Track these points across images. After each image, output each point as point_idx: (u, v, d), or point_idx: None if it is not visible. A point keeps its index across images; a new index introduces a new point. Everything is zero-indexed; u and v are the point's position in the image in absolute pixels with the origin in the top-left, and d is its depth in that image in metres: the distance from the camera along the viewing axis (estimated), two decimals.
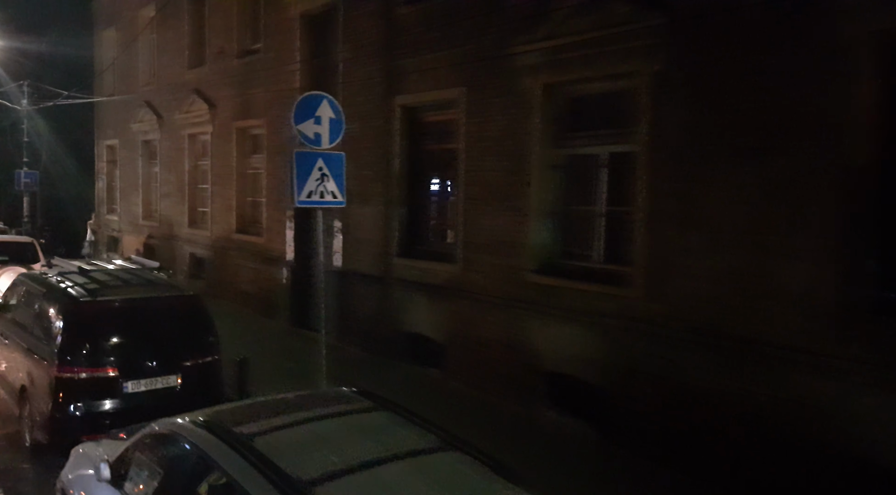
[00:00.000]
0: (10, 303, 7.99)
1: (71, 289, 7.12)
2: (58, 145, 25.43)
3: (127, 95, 20.19)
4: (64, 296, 6.96)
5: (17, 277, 8.31)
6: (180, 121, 17.06)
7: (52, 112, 23.72)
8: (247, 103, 14.26)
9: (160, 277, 7.97)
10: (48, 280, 7.54)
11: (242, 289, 14.44)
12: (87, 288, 7.14)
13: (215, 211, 15.72)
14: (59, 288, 7.23)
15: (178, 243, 17.52)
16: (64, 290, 7.12)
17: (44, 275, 7.79)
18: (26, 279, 8.01)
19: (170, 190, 18.07)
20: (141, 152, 19.89)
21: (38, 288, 7.56)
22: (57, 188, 27.88)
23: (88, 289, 7.11)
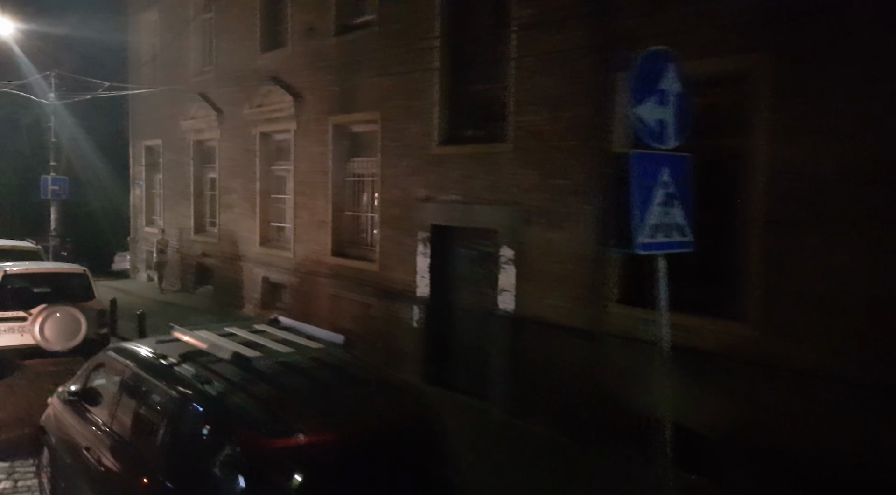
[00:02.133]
0: (95, 397, 4.90)
1: (244, 410, 3.90)
2: (86, 145, 22.43)
3: (173, 86, 17.28)
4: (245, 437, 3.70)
5: (102, 354, 5.28)
6: (249, 116, 14.10)
7: (78, 108, 20.80)
8: (349, 93, 11.29)
9: (359, 363, 4.88)
10: (176, 374, 4.38)
11: (342, 326, 11.44)
12: (271, 407, 3.94)
13: (300, 227, 12.75)
14: (225, 410, 3.98)
15: (245, 265, 14.57)
16: (236, 415, 3.88)
17: (158, 358, 4.67)
18: (124, 362, 4.94)
19: (233, 200, 15.12)
20: (192, 154, 16.93)
21: (159, 389, 4.39)
22: (84, 195, 24.95)
23: (274, 408, 3.93)
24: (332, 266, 11.81)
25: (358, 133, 11.58)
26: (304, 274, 12.56)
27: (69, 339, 9.40)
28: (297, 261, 12.78)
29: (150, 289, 17.75)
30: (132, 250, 20.72)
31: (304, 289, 12.56)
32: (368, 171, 11.36)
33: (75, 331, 9.43)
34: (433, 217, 9.32)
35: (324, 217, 12.03)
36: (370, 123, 10.92)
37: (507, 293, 8.20)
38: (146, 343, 5.24)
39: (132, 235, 20.62)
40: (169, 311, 14.45)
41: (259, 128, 13.96)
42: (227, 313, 14.56)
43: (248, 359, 4.33)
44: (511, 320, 8.14)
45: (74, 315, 9.41)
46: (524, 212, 8.00)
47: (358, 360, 5.01)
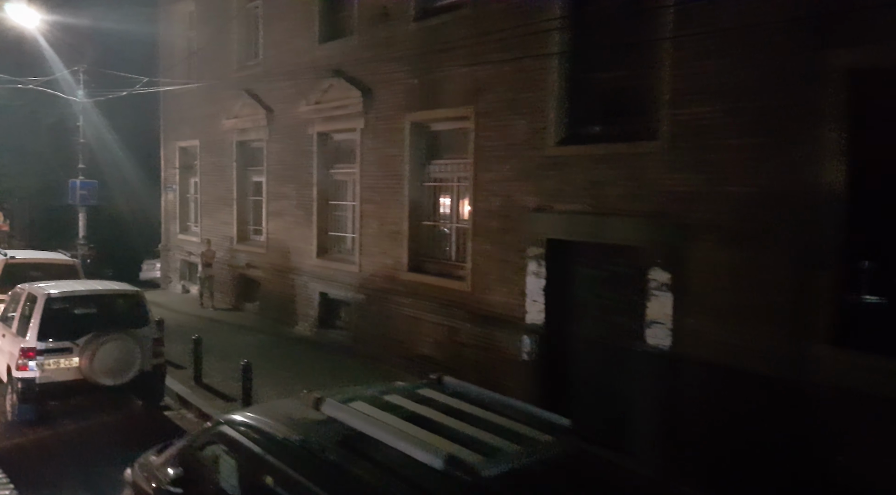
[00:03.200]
0: None
1: None
2: (113, 146, 21.11)
3: (213, 82, 15.97)
4: None
5: (211, 430, 3.60)
6: (305, 114, 12.73)
7: (104, 106, 19.48)
8: (432, 86, 9.87)
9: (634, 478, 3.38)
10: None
11: (421, 352, 10.04)
12: None
13: (367, 238, 11.36)
14: None
15: (298, 278, 13.19)
16: None
17: (319, 453, 3.16)
18: (255, 450, 3.45)
19: (283, 206, 13.76)
20: (236, 156, 15.58)
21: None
22: (110, 198, 23.67)
23: None
24: (408, 283, 10.40)
25: (441, 132, 10.16)
26: (373, 290, 11.15)
27: (122, 373, 8.02)
28: (364, 276, 11.38)
29: (188, 302, 16.37)
30: (163, 259, 19.40)
31: (373, 307, 11.14)
32: (455, 176, 9.93)
33: (129, 362, 8.05)
34: (549, 230, 7.89)
35: (398, 227, 10.62)
36: (460, 120, 9.50)
37: (658, 326, 6.75)
38: (279, 417, 3.72)
39: (164, 243, 19.31)
40: (216, 330, 13.09)
41: (317, 128, 12.58)
42: (278, 331, 13.19)
43: (473, 468, 2.86)
44: (664, 359, 6.67)
45: (128, 344, 8.03)
46: (681, 227, 6.54)
47: (625, 470, 3.47)
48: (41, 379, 7.61)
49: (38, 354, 7.59)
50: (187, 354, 10.22)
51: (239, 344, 12.19)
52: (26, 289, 8.44)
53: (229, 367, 10.41)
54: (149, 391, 8.47)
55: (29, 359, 7.55)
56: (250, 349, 11.85)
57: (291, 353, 11.57)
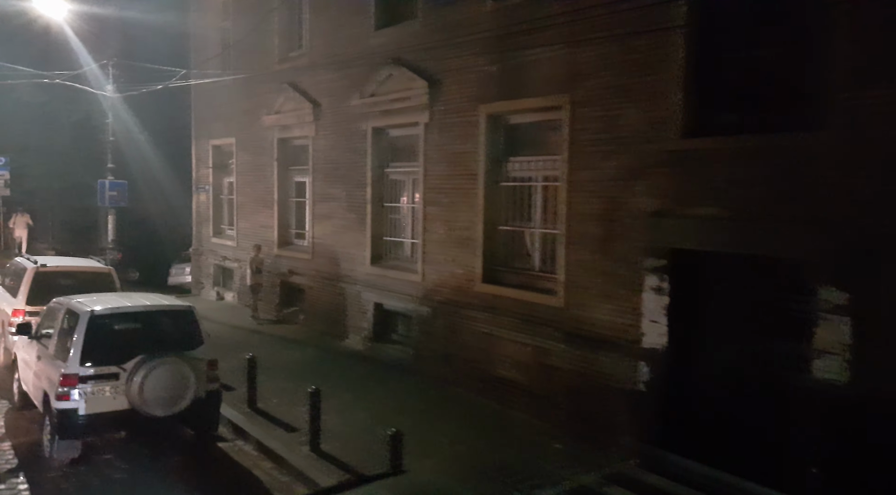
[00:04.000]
0: None
1: None
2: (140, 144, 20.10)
3: (250, 75, 14.95)
4: None
5: None
6: (358, 108, 11.63)
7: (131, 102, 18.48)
8: (514, 73, 8.64)
9: None
10: None
11: (499, 374, 8.90)
12: None
13: (431, 244, 10.25)
14: None
15: (349, 287, 12.08)
16: None
17: None
18: None
19: (332, 209, 12.67)
20: (277, 155, 14.53)
21: None
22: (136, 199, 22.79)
23: None
24: (482, 295, 9.26)
25: (523, 125, 9.01)
26: (439, 303, 10.03)
27: (175, 401, 6.93)
28: (427, 287, 10.26)
29: (224, 311, 15.27)
30: (195, 263, 18.39)
31: (439, 322, 10.02)
32: (540, 174, 8.77)
33: (183, 389, 6.97)
34: (673, 238, 6.72)
35: (469, 232, 9.49)
36: (549, 111, 8.33)
37: (831, 357, 5.55)
38: None
39: (195, 247, 18.32)
40: (259, 343, 11.98)
41: (371, 123, 11.49)
42: (327, 345, 12.11)
43: None
44: (838, 397, 5.49)
45: (181, 369, 6.96)
46: (868, 238, 5.38)
47: None
48: (85, 410, 6.57)
49: (82, 381, 6.54)
50: (234, 372, 9.13)
51: (287, 359, 11.11)
52: (64, 304, 7.40)
53: (283, 388, 9.35)
54: (202, 420, 7.38)
55: (71, 388, 6.49)
56: (301, 365, 10.79)
57: (347, 371, 10.48)
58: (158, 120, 20.67)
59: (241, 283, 15.87)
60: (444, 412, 8.68)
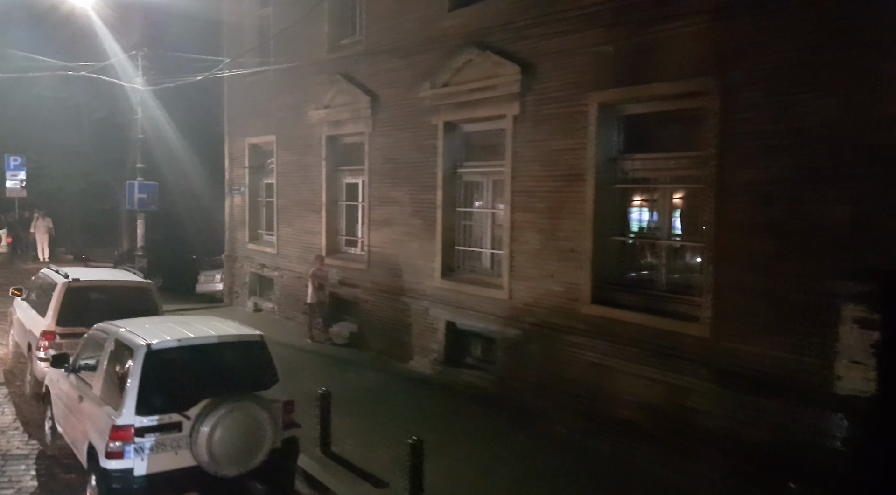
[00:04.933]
0: None
1: None
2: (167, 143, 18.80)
3: (294, 67, 13.65)
4: None
5: None
6: (429, 100, 10.21)
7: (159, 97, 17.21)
8: (636, 53, 7.23)
9: None
10: None
11: (616, 414, 7.47)
12: None
13: (521, 256, 8.84)
14: None
15: (414, 302, 10.67)
16: None
17: None
18: None
19: (392, 214, 11.32)
20: (325, 154, 13.19)
21: None
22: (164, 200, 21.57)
23: None
24: (591, 318, 7.86)
25: (646, 115, 7.58)
26: (531, 325, 8.63)
27: (249, 456, 5.55)
28: (516, 305, 8.87)
29: (264, 324, 13.64)
30: (228, 270, 17.08)
31: (531, 347, 8.60)
32: (668, 175, 7.34)
33: (258, 440, 5.57)
34: (884, 257, 5.35)
35: (573, 243, 8.09)
36: (686, 98, 6.89)
37: None
38: None
39: (228, 252, 17.02)
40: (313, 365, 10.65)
41: (444, 117, 10.12)
42: (389, 367, 10.72)
43: None
44: None
45: (256, 415, 5.59)
46: None
47: None
48: (141, 470, 5.23)
49: (138, 435, 5.19)
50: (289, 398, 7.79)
51: (348, 385, 9.71)
52: (111, 333, 6.04)
53: (356, 425, 7.97)
54: (277, 475, 6.03)
55: (125, 443, 5.15)
56: (366, 394, 9.40)
57: (422, 402, 9.10)
58: (187, 115, 19.37)
59: (282, 294, 14.55)
60: (556, 460, 7.20)
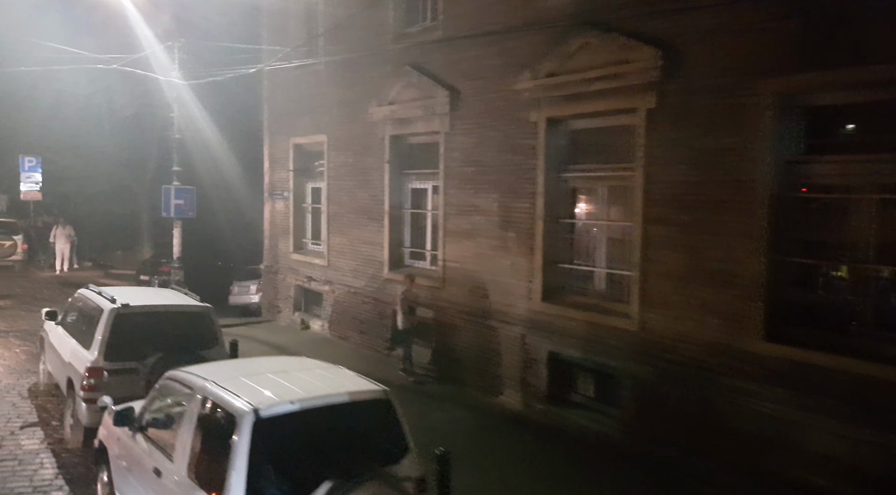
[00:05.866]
0: None
1: None
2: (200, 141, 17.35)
3: (350, 58, 12.25)
4: None
5: None
6: (527, 93, 8.68)
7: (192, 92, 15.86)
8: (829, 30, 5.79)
9: None
10: None
11: (810, 481, 6.04)
12: None
13: (657, 279, 7.28)
14: None
15: (505, 328, 9.09)
16: None
17: None
18: None
19: (474, 224, 9.80)
20: (389, 155, 11.74)
21: None
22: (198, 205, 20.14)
23: None
24: (763, 359, 6.32)
25: (837, 107, 6.12)
26: (671, 362, 7.13)
27: None
28: (649, 338, 7.39)
29: (318, 345, 12.24)
30: (268, 283, 15.62)
31: (672, 389, 7.05)
32: (884, 180, 5.94)
33: None
34: None
35: (734, 265, 6.56)
36: None
37: None
38: None
39: (268, 263, 15.61)
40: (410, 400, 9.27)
41: (547, 112, 8.66)
42: (474, 402, 9.21)
43: None
44: None
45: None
46: None
47: None
48: None
49: None
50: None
51: (440, 427, 8.14)
52: (199, 389, 4.53)
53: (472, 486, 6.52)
54: None
55: None
56: (466, 439, 7.83)
57: (533, 451, 7.59)
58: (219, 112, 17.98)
59: (334, 310, 13.11)
60: None
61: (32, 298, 16.42)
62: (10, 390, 9.23)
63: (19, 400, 8.85)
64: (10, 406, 8.62)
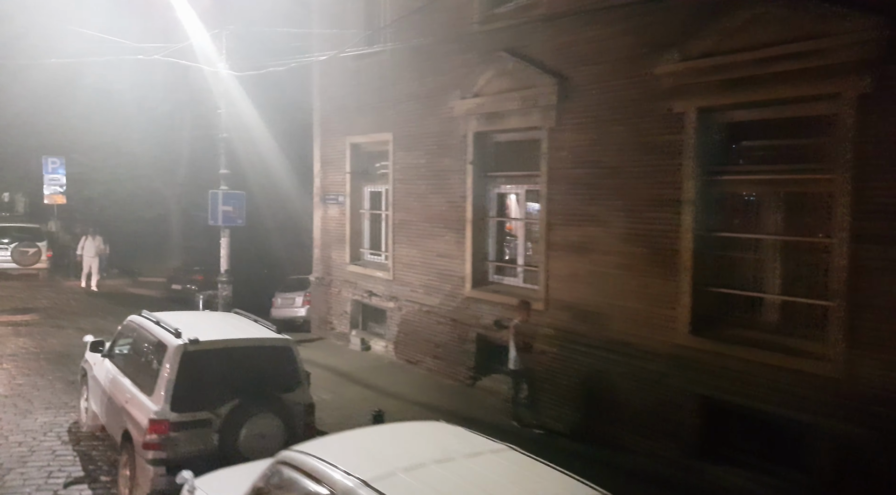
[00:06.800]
0: None
1: None
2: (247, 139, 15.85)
3: (423, 44, 10.79)
4: None
5: None
6: (670, 80, 7.16)
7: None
8: None
9: None
10: None
11: None
12: None
13: (868, 310, 5.64)
14: None
15: (639, 364, 7.44)
16: None
17: None
18: None
19: (588, 238, 8.12)
20: (472, 156, 10.09)
21: None
22: None
23: None
24: None
25: None
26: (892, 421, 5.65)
27: None
28: (859, 390, 5.77)
29: (389, 372, 10.72)
30: (320, 296, 14.03)
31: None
32: None
33: None
34: None
35: None
36: None
37: None
38: None
39: (320, 274, 14.10)
40: None
41: (696, 101, 6.95)
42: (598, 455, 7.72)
43: None
44: None
45: None
46: None
47: None
48: None
49: None
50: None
51: None
52: (322, 479, 3.14)
53: None
54: None
55: None
56: None
57: None
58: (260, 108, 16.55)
59: (401, 331, 11.58)
60: None
61: (60, 312, 15.07)
62: (48, 431, 7.79)
63: (59, 446, 7.40)
64: (50, 454, 7.17)
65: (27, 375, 9.81)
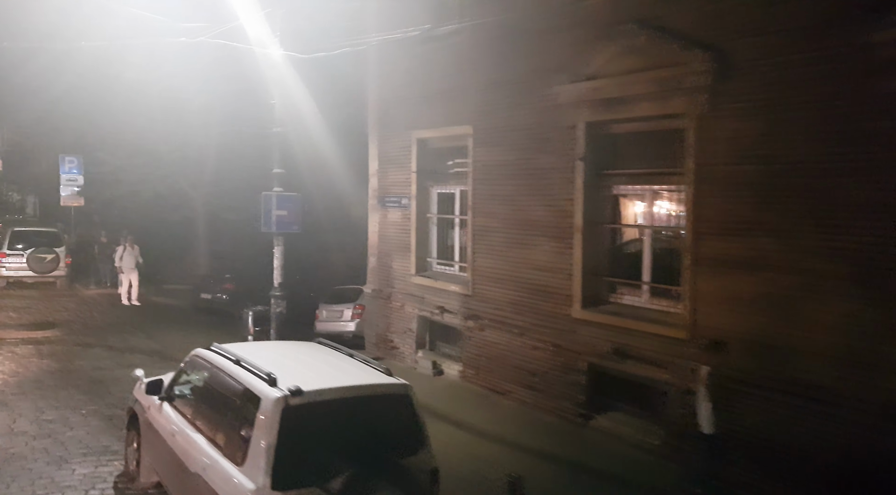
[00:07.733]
0: None
1: None
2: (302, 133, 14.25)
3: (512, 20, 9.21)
4: None
5: None
6: (885, 52, 5.73)
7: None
8: None
9: None
10: None
11: None
12: None
13: None
14: None
15: (845, 417, 5.83)
16: None
17: None
18: None
19: (759, 252, 6.41)
20: (583, 151, 8.43)
21: None
22: None
23: None
24: None
25: None
26: None
27: None
28: None
29: (477, 404, 9.02)
30: (378, 311, 12.23)
31: None
32: None
33: None
34: None
35: None
36: None
37: None
38: None
39: (376, 286, 12.45)
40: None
41: None
42: None
43: None
44: None
45: None
46: None
47: None
48: None
49: None
50: None
51: None
52: None
53: None
54: None
55: None
56: None
57: None
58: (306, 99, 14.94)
59: (481, 354, 9.92)
60: None
61: (84, 326, 13.50)
62: (90, 488, 6.19)
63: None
64: None
65: (56, 408, 8.23)
